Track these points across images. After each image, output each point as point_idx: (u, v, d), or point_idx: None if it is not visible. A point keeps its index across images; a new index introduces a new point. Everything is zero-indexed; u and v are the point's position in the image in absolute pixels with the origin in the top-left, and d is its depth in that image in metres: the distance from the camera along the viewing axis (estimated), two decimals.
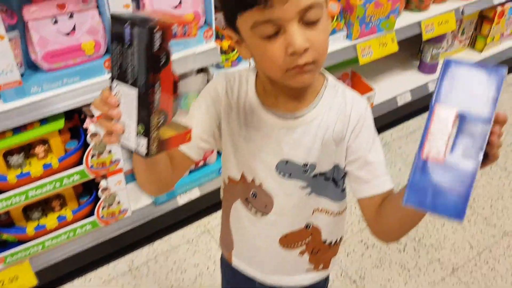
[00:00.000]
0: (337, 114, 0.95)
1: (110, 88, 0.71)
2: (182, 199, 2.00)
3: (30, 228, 1.68)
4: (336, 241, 1.14)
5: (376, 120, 1.00)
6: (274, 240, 1.08)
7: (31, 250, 1.71)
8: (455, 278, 1.97)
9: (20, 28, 1.44)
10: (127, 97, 0.69)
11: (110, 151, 1.68)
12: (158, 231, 2.11)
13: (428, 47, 2.69)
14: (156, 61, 0.66)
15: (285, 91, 0.93)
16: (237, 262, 1.20)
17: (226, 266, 1.26)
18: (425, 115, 2.97)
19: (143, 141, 0.70)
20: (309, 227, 1.07)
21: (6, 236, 1.67)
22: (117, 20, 0.67)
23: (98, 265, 1.99)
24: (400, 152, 2.59)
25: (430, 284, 1.94)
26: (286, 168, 0.98)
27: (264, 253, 1.12)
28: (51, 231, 1.73)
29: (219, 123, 1.01)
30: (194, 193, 2.05)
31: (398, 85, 2.68)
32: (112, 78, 0.71)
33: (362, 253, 2.06)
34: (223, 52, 1.87)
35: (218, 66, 1.94)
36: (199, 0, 1.67)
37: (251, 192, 1.03)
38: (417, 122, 2.82)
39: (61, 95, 1.52)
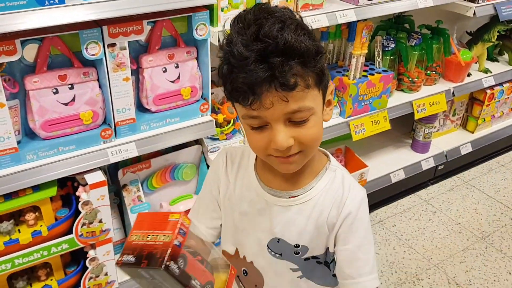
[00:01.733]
0: (333, 199, 0.94)
1: None
2: None
3: None
4: None
5: (370, 196, 1.00)
6: None
7: None
8: None
9: (21, 96, 1.50)
10: None
11: (101, 220, 1.68)
12: None
13: (420, 126, 2.76)
14: (183, 276, 0.70)
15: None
16: None
17: None
18: (419, 193, 2.98)
19: None
20: None
21: None
22: (127, 267, 0.70)
23: None
24: (394, 230, 2.57)
25: None
26: (278, 247, 0.96)
27: None
28: None
29: (219, 198, 1.04)
30: None
31: (392, 163, 2.71)
32: None
33: None
34: (218, 125, 1.92)
35: (213, 138, 1.98)
36: (196, 75, 1.74)
37: (242, 269, 1.03)
38: (411, 200, 2.82)
39: (56, 163, 1.55)
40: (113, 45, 1.49)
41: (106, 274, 1.80)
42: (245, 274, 1.03)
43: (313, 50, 0.81)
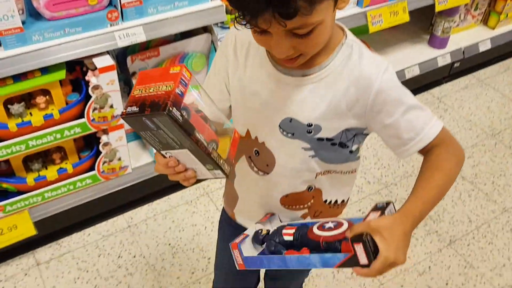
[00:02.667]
0: (351, 76, 0.88)
1: (162, 155, 0.83)
2: None
3: (30, 179, 1.69)
4: (337, 202, 1.11)
5: None
6: (276, 199, 1.06)
7: (30, 201, 1.72)
8: (451, 250, 1.96)
9: None
10: (181, 155, 0.80)
11: (111, 106, 1.68)
12: (158, 191, 2.12)
13: (440, 20, 2.63)
14: (187, 125, 0.73)
15: None
16: (240, 219, 1.19)
17: (226, 224, 1.26)
18: (432, 91, 2.94)
19: (217, 171, 0.83)
20: (311, 189, 1.04)
21: (6, 185, 1.68)
22: (131, 117, 0.71)
23: (97, 221, 2.01)
24: None
25: (426, 254, 1.95)
26: (290, 127, 0.94)
27: (267, 211, 1.10)
28: (51, 182, 1.74)
29: (229, 80, 1.01)
30: None
31: (407, 58, 2.64)
32: (159, 151, 0.82)
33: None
34: (228, 11, 1.85)
35: (223, 26, 1.91)
36: None
37: (254, 150, 1.02)
38: (423, 97, 2.79)
39: (62, 44, 1.51)
40: None
41: (119, 159, 1.84)
42: (257, 154, 1.03)
43: None
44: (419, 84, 2.76)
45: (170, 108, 0.68)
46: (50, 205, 1.79)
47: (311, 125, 0.93)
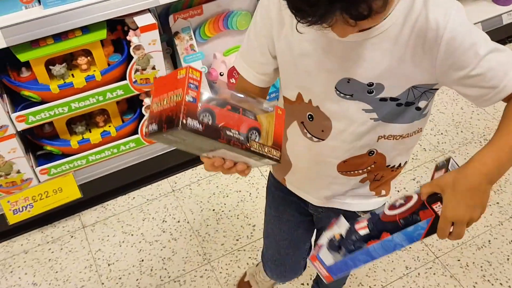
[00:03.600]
0: (414, 26, 0.77)
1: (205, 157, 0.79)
2: None
3: (74, 142, 1.67)
4: (400, 165, 1.02)
5: None
6: (332, 166, 0.98)
7: (75, 163, 1.71)
8: None
9: None
10: (222, 152, 0.75)
11: (154, 67, 1.62)
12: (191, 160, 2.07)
13: None
14: (210, 130, 0.68)
15: None
16: (291, 187, 1.12)
17: (276, 189, 1.19)
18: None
19: (266, 160, 0.77)
20: (373, 153, 0.95)
21: (50, 148, 1.67)
22: (154, 136, 0.68)
23: (142, 184, 1.99)
24: None
25: (486, 227, 1.81)
26: (348, 88, 0.85)
27: (321, 179, 1.03)
28: (95, 146, 1.71)
29: (273, 42, 0.91)
30: None
31: (469, 15, 2.41)
32: (200, 155, 0.79)
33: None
34: None
35: None
36: None
37: (307, 114, 0.93)
38: None
39: (103, 2, 1.44)
40: None
41: None
42: (311, 119, 0.93)
43: None
44: None
45: (184, 122, 0.64)
46: (95, 168, 1.77)
47: (372, 84, 0.83)
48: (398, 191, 1.92)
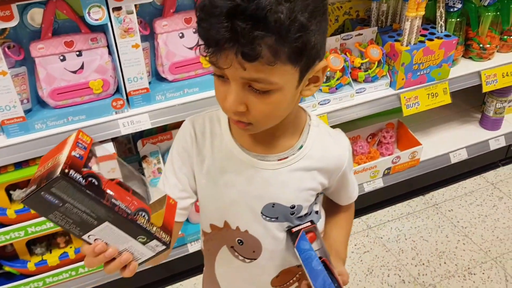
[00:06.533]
0: (323, 154, 0.92)
1: (86, 242, 0.70)
2: (192, 247, 1.90)
3: (31, 264, 1.65)
4: None
5: (423, 177, 0.94)
6: (266, 283, 1.02)
7: (31, 286, 1.68)
8: None
9: (29, 64, 1.45)
10: (105, 232, 0.68)
11: None
12: (168, 277, 2.01)
13: (491, 100, 2.41)
14: (94, 189, 0.64)
15: (261, 132, 0.85)
16: None
17: None
18: (486, 175, 2.64)
19: (154, 242, 0.70)
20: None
21: (8, 268, 1.66)
22: (30, 198, 0.62)
23: None
24: (450, 215, 2.31)
25: None
26: (273, 211, 0.92)
27: None
28: (52, 268, 1.69)
29: (194, 179, 0.95)
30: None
31: (454, 140, 2.41)
32: (80, 236, 0.69)
33: None
34: None
35: None
36: None
37: (236, 239, 0.96)
38: (475, 182, 2.52)
39: (65, 133, 1.50)
40: (119, 8, 1.38)
41: None
42: (241, 243, 0.96)
43: (290, 25, 0.67)
44: (470, 167, 2.51)
45: (66, 171, 0.60)
46: None
47: (294, 206, 0.92)
48: None
